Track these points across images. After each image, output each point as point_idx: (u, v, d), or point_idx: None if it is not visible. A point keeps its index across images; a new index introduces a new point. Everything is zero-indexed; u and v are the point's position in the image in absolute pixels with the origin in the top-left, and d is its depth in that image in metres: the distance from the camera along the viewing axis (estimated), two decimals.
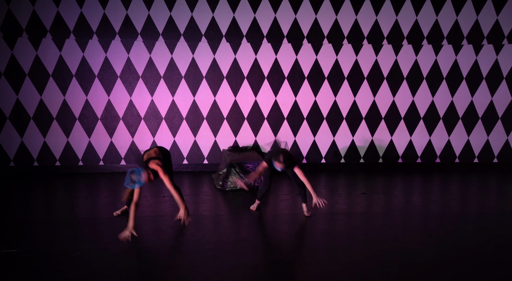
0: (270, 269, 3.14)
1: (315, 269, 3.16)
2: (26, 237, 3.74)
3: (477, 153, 7.28)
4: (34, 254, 3.35)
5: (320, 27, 6.77)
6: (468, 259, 3.36)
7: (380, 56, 6.90)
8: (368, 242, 3.70)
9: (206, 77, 6.77)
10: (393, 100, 7.04)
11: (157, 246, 3.60)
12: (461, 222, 4.34)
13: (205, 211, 4.67)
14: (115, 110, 6.68)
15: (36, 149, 6.61)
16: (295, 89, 6.92)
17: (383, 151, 7.19)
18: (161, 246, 3.59)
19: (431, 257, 3.39)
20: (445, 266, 3.22)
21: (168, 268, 3.16)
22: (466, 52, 6.96)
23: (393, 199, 5.26)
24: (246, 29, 6.70)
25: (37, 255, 3.34)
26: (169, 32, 6.57)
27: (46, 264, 3.19)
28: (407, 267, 3.20)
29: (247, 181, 4.63)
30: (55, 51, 6.38)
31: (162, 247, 3.58)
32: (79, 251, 3.42)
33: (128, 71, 6.61)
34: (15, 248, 3.46)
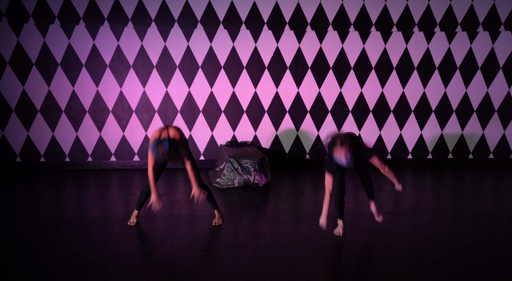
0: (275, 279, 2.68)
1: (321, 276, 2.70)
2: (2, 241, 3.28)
3: (493, 148, 6.82)
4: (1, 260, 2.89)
5: (325, 13, 6.30)
6: None
7: (389, 44, 6.43)
8: (385, 247, 3.24)
9: (202, 66, 6.30)
10: (402, 92, 6.58)
11: (143, 252, 3.13)
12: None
13: (199, 211, 4.20)
14: (104, 102, 6.21)
15: (19, 144, 6.14)
16: (298, 80, 6.45)
17: (392, 146, 6.72)
18: (147, 253, 3.12)
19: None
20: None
21: (154, 278, 2.70)
22: (482, 39, 6.49)
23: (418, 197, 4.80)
24: (245, 15, 6.23)
25: (5, 261, 2.88)
26: (162, 18, 6.10)
27: (14, 271, 2.72)
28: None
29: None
30: (39, 38, 5.91)
31: (148, 253, 3.12)
32: (49, 258, 2.95)
33: (118, 60, 6.14)
34: None
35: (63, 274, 2.71)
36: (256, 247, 3.23)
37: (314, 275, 2.74)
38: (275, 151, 6.57)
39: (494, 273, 2.79)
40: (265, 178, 5.30)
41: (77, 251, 3.08)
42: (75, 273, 2.73)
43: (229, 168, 5.19)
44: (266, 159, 5.41)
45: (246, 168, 5.22)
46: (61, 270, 2.77)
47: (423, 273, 2.78)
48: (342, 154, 2.95)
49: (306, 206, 4.45)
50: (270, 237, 3.46)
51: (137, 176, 5.95)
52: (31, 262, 2.88)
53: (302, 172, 6.25)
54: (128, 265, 2.88)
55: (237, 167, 5.19)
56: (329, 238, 3.42)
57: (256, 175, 5.23)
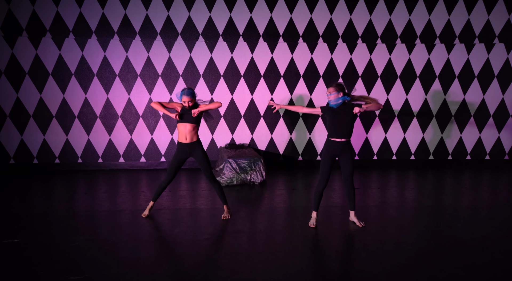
0: (265, 257, 3.25)
1: (306, 256, 3.27)
2: (24, 230, 3.84)
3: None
4: (31, 246, 3.45)
5: (315, 27, 6.90)
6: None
7: (374, 54, 7.03)
8: (360, 233, 3.81)
9: (203, 75, 6.88)
10: (387, 98, 7.17)
11: (154, 237, 3.70)
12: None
13: (201, 205, 4.77)
14: (113, 108, 6.79)
15: (36, 147, 6.70)
16: (291, 87, 7.04)
17: (377, 149, 7.30)
18: (160, 237, 3.69)
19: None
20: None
21: (163, 257, 3.26)
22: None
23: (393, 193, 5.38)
24: (242, 29, 6.82)
25: (35, 246, 3.44)
26: (167, 31, 6.69)
27: (43, 253, 3.29)
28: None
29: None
30: (55, 50, 6.49)
31: (160, 238, 3.69)
32: (78, 241, 3.52)
33: (127, 69, 6.72)
34: (16, 239, 3.56)
35: (92, 252, 3.28)
36: (252, 233, 3.80)
37: (300, 254, 3.32)
38: (271, 153, 7.15)
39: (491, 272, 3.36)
40: (261, 176, 5.88)
41: (97, 236, 3.65)
42: (102, 254, 3.30)
43: (228, 168, 5.76)
44: (262, 160, 5.98)
45: (243, 167, 5.79)
46: (90, 250, 3.34)
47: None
48: (331, 91, 3.73)
49: (296, 201, 5.02)
50: (263, 225, 4.03)
51: (144, 175, 6.51)
52: (65, 243, 3.45)
53: (295, 171, 6.83)
54: (143, 248, 3.45)
55: (235, 167, 5.76)
56: (315, 227, 3.99)
57: (252, 174, 5.81)
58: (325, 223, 4.11)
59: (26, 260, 3.14)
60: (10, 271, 2.95)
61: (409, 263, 3.15)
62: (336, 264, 3.17)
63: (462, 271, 3.02)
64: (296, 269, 3.04)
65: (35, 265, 3.06)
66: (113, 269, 3.01)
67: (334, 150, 3.83)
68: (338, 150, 3.83)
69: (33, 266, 3.05)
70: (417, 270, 3.03)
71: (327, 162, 3.84)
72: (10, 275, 2.89)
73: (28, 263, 3.10)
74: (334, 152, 3.84)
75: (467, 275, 2.96)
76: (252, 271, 2.99)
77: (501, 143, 7.40)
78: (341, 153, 3.85)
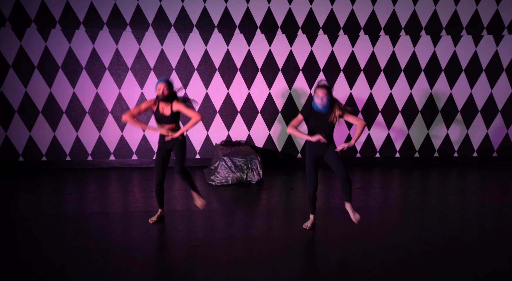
0: (260, 267, 2.95)
1: (305, 266, 2.97)
2: (3, 235, 3.54)
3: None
4: (7, 252, 3.16)
5: (316, 18, 6.56)
6: None
7: (377, 47, 6.70)
8: (364, 238, 3.52)
9: (197, 69, 6.55)
10: (390, 93, 6.85)
11: (139, 243, 3.40)
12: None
13: (194, 206, 4.47)
14: (103, 103, 6.47)
15: (21, 144, 6.39)
16: (290, 81, 6.72)
17: (380, 146, 7.00)
18: (144, 243, 3.39)
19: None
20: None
21: (147, 269, 2.97)
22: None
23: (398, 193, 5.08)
24: (239, 20, 6.48)
25: (8, 253, 3.14)
26: (159, 22, 6.35)
27: (17, 262, 2.99)
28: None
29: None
30: (40, 42, 6.15)
31: (145, 244, 3.39)
32: (53, 249, 3.22)
33: (117, 62, 6.39)
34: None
35: (68, 262, 2.98)
36: (246, 239, 3.50)
37: (298, 264, 3.02)
38: (268, 150, 6.84)
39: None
40: (257, 175, 5.57)
41: (79, 243, 3.35)
42: (77, 262, 3.00)
43: (223, 166, 5.45)
44: (259, 158, 5.68)
45: (239, 166, 5.48)
46: (66, 259, 3.04)
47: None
48: (321, 94, 3.33)
49: (294, 202, 4.72)
50: (259, 230, 3.73)
51: (136, 174, 6.21)
52: (39, 251, 3.15)
53: (294, 170, 6.52)
54: (124, 258, 3.15)
55: (231, 165, 5.45)
56: (313, 231, 3.69)
57: (248, 173, 5.51)
58: (326, 226, 3.81)
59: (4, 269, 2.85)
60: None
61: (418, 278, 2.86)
62: (337, 276, 2.87)
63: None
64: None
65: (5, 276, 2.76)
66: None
67: (317, 151, 3.56)
68: (321, 150, 3.56)
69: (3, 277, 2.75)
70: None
71: (312, 165, 3.59)
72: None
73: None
74: (317, 152, 3.57)
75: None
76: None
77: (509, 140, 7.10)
78: (323, 152, 3.57)
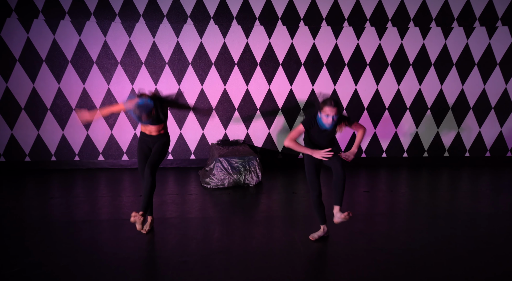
0: None
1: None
2: None
3: (489, 146, 6.71)
4: None
5: (318, 8, 6.13)
6: None
7: (384, 40, 6.28)
8: (371, 252, 3.10)
9: (192, 63, 6.13)
10: (398, 89, 6.43)
11: (119, 258, 2.98)
12: None
13: (188, 213, 4.05)
14: (91, 99, 6.04)
15: (2, 143, 5.96)
16: (291, 77, 6.29)
17: (387, 145, 6.59)
18: (123, 259, 2.97)
19: None
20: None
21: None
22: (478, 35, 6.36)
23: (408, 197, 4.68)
24: (236, 10, 6.05)
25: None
26: (150, 12, 5.92)
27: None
28: None
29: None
30: (22, 33, 5.71)
31: (124, 260, 2.97)
32: (23, 265, 2.80)
33: (105, 56, 5.96)
34: None
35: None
36: (242, 253, 3.08)
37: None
38: (268, 150, 6.43)
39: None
40: (256, 178, 5.15)
41: (60, 254, 2.93)
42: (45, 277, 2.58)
43: (219, 168, 5.03)
44: (257, 158, 5.26)
45: (236, 167, 5.07)
46: (36, 277, 2.62)
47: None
48: (330, 114, 3.01)
49: (296, 207, 4.31)
50: (257, 242, 3.31)
51: (126, 175, 5.80)
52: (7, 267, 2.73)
53: (296, 171, 6.08)
54: (97, 276, 2.73)
55: (227, 167, 5.04)
56: (318, 243, 3.28)
57: (246, 175, 5.09)
58: (335, 237, 3.39)
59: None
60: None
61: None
62: None
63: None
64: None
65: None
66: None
67: (316, 158, 3.18)
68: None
69: None
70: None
71: (313, 169, 3.24)
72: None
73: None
74: (316, 159, 3.20)
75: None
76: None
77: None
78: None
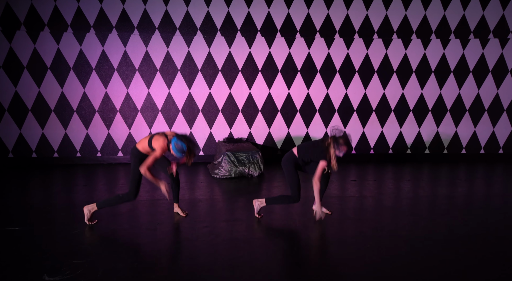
0: (263, 242, 3.31)
1: (307, 243, 3.33)
2: (28, 218, 3.88)
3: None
4: (33, 232, 3.50)
5: (313, 22, 6.96)
6: None
7: (370, 49, 7.10)
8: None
9: (201, 70, 6.93)
10: (383, 93, 7.25)
11: (152, 224, 3.75)
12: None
13: (200, 195, 4.83)
14: (112, 102, 6.82)
15: (35, 141, 6.73)
16: (289, 82, 7.10)
17: (374, 142, 7.38)
18: (157, 224, 3.75)
19: None
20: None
21: (162, 242, 3.32)
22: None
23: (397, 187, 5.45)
24: (240, 23, 6.87)
25: (38, 233, 3.49)
26: (165, 26, 6.73)
27: (47, 241, 3.33)
28: None
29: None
30: (53, 45, 6.51)
31: (158, 225, 3.74)
32: (79, 229, 3.57)
33: (125, 64, 6.75)
34: (18, 227, 3.61)
35: (93, 238, 3.33)
36: (249, 221, 3.86)
37: (299, 240, 3.38)
38: (268, 147, 7.21)
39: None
40: (259, 170, 5.93)
41: (96, 224, 3.69)
42: (102, 239, 3.35)
43: (227, 161, 5.81)
44: (259, 153, 6.04)
45: (241, 160, 5.85)
46: (91, 236, 3.39)
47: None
48: (343, 152, 3.38)
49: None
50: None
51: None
52: (67, 230, 3.50)
53: None
54: (146, 233, 3.50)
55: (234, 160, 5.82)
56: (310, 213, 4.06)
57: (250, 167, 5.87)
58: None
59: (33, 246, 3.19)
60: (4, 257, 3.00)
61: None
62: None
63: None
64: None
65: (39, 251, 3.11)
66: (113, 253, 3.06)
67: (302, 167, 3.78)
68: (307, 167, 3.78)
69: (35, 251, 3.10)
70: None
71: (296, 174, 3.68)
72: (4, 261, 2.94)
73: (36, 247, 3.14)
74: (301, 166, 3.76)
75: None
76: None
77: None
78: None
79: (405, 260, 2.99)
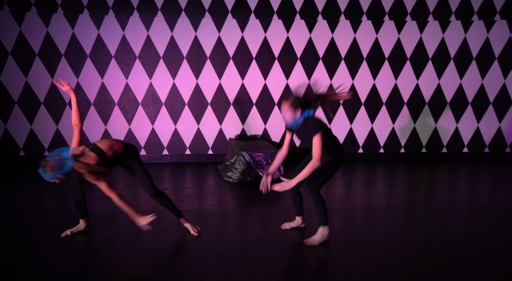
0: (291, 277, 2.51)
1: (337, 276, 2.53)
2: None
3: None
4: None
5: (337, 2, 6.09)
6: None
7: (402, 33, 6.23)
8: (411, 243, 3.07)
9: (210, 57, 6.10)
10: (416, 83, 6.38)
11: (157, 247, 2.97)
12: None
13: (212, 205, 4.03)
14: (109, 94, 6.04)
15: (22, 137, 5.98)
16: (309, 71, 6.26)
17: (405, 140, 6.54)
18: (162, 248, 2.96)
19: None
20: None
21: (168, 273, 2.53)
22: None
23: (433, 191, 4.63)
24: (254, 4, 6.03)
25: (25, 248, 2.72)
26: (168, 6, 5.91)
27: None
28: None
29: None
30: (41, 27, 5.72)
31: (162, 248, 2.95)
32: (61, 254, 2.79)
33: (124, 50, 5.95)
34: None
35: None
36: (265, 243, 3.05)
37: (316, 263, 2.58)
38: None
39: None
40: (278, 172, 5.12)
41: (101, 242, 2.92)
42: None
43: (241, 162, 5.01)
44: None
45: (258, 161, 5.03)
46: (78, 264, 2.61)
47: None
48: (286, 110, 2.87)
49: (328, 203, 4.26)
50: (276, 231, 3.29)
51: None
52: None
53: None
54: (146, 260, 2.71)
55: (249, 161, 5.01)
56: (338, 235, 3.25)
57: (268, 168, 5.04)
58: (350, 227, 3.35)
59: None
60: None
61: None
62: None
63: None
64: None
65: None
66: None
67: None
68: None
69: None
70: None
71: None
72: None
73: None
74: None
75: None
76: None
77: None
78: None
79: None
